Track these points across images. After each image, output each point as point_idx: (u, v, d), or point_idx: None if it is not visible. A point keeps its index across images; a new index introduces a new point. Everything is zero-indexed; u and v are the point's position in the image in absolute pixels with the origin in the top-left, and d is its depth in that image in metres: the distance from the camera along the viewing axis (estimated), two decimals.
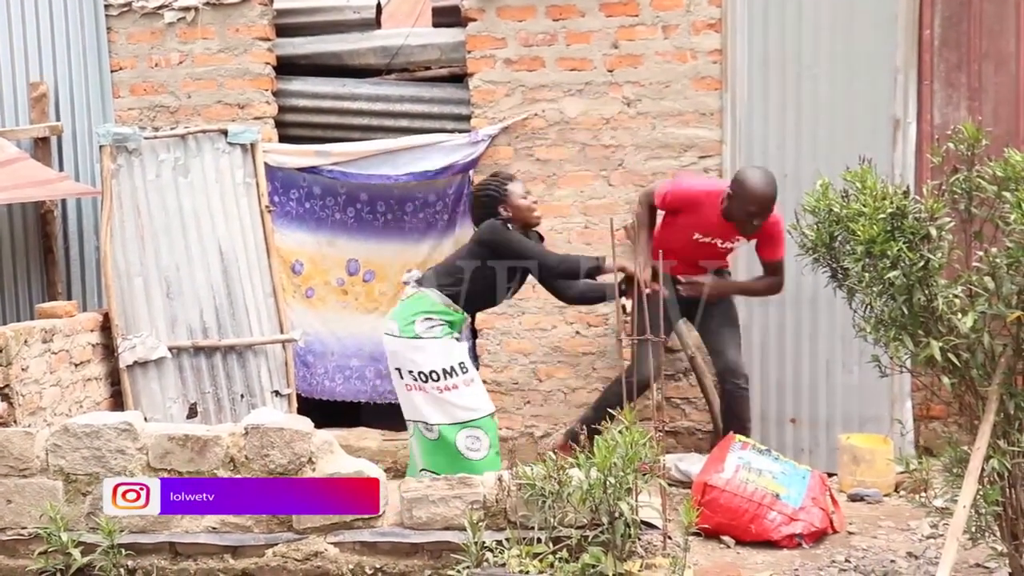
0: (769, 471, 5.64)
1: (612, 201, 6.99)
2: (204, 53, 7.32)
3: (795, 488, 5.58)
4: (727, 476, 5.57)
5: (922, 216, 4.19)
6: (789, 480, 5.63)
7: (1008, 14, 6.58)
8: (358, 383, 7.35)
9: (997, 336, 4.23)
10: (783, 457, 5.91)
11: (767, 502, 5.48)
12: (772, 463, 5.73)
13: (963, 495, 4.20)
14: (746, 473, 5.58)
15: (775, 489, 5.53)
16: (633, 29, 6.93)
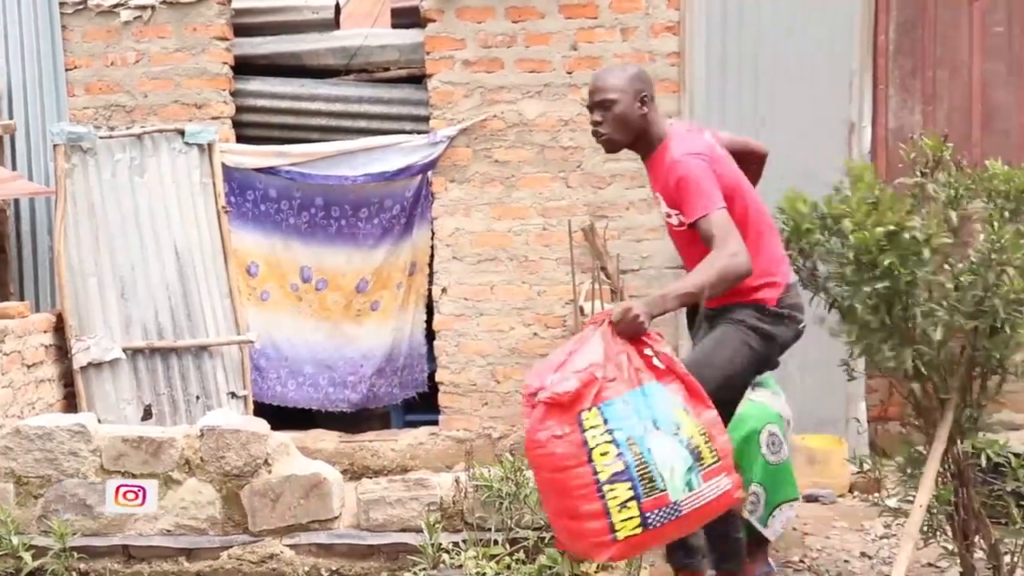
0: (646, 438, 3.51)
1: (571, 203, 6.99)
2: (161, 52, 7.25)
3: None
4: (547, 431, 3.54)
5: (919, 238, 4.17)
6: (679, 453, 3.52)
7: (962, 22, 6.65)
8: (311, 390, 7.29)
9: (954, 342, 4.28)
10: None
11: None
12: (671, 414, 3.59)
13: (920, 495, 4.22)
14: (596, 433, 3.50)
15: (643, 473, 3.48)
16: (592, 31, 6.94)
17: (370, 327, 7.24)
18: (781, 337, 4.19)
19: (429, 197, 7.13)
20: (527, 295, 7.09)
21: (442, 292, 7.16)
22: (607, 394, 3.50)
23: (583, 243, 6.84)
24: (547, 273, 7.05)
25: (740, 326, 4.12)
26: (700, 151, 4.03)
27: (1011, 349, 4.17)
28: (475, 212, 7.09)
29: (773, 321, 4.15)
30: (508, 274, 7.10)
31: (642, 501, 3.41)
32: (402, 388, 7.34)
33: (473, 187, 7.08)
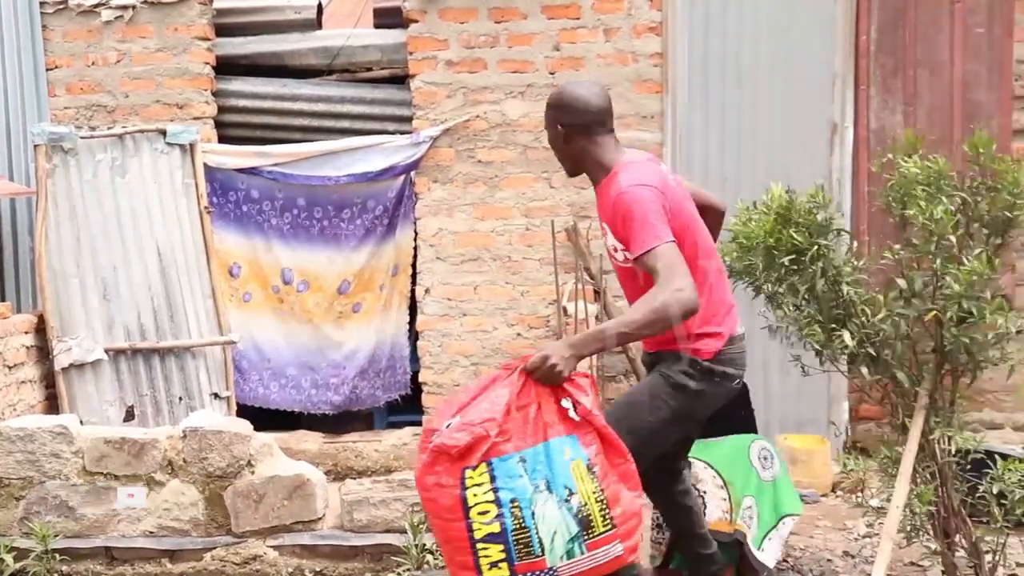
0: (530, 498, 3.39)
1: (554, 203, 7.00)
2: (142, 52, 7.23)
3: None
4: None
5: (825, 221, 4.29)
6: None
7: (942, 22, 6.67)
8: (293, 392, 7.27)
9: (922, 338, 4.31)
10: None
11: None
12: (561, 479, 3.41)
13: (896, 496, 4.26)
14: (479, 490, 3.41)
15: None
16: (575, 32, 6.95)
17: (352, 329, 7.22)
18: (709, 395, 3.94)
19: (412, 197, 7.12)
20: (510, 295, 7.09)
21: (425, 292, 7.16)
22: (503, 448, 3.37)
23: (566, 243, 6.85)
24: (530, 273, 7.06)
25: (665, 381, 3.90)
26: (649, 182, 3.76)
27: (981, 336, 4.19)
28: (458, 212, 7.09)
29: (702, 377, 3.89)
30: (491, 274, 7.10)
31: (515, 564, 3.35)
32: (385, 390, 7.32)
33: (456, 187, 7.09)
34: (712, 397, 3.96)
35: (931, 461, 4.45)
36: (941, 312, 4.16)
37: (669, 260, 3.57)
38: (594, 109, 3.95)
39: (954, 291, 4.09)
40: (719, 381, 3.91)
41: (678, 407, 3.87)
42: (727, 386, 3.96)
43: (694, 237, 3.88)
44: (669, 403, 3.86)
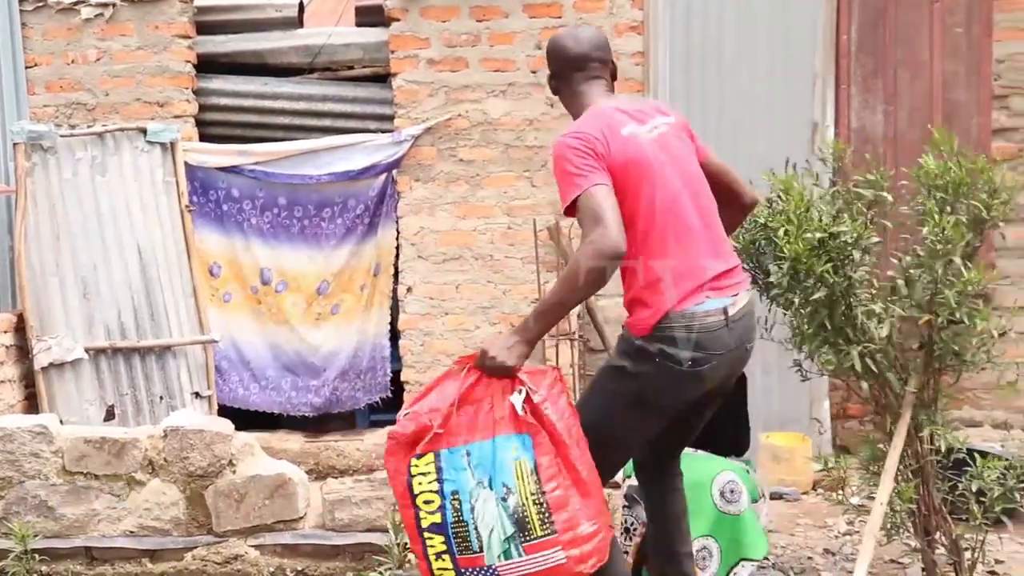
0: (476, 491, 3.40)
1: (535, 202, 7.00)
2: (122, 50, 7.20)
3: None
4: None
5: (850, 240, 4.24)
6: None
7: (922, 22, 6.70)
8: (273, 394, 7.23)
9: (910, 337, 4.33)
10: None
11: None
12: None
13: (880, 493, 4.28)
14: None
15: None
16: (556, 30, 6.92)
17: (330, 331, 7.20)
18: (655, 378, 3.48)
19: (394, 196, 7.12)
20: (492, 294, 7.10)
21: (407, 291, 7.16)
22: (452, 440, 3.34)
23: (548, 242, 6.86)
24: (512, 272, 7.06)
25: (607, 365, 3.68)
26: (579, 131, 3.50)
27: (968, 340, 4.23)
28: (440, 211, 7.09)
29: (637, 356, 3.50)
30: (473, 273, 7.10)
31: (456, 556, 3.35)
32: (366, 392, 7.29)
33: (438, 186, 7.08)
34: (662, 381, 3.48)
35: (913, 459, 4.48)
36: (936, 317, 4.19)
37: (589, 206, 3.32)
38: (570, 54, 3.76)
39: (950, 301, 4.11)
40: (661, 362, 3.45)
41: (624, 392, 3.52)
42: (677, 369, 3.45)
43: (649, 193, 3.50)
44: (612, 388, 3.58)
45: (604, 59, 3.81)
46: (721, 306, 3.52)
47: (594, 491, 3.40)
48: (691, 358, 3.45)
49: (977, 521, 4.35)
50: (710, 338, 3.48)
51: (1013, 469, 4.39)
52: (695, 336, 3.46)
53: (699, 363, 3.47)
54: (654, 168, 3.53)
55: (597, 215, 3.28)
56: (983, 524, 4.37)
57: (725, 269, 3.62)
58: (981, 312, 4.17)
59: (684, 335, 3.45)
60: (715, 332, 3.50)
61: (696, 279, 3.51)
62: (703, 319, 3.48)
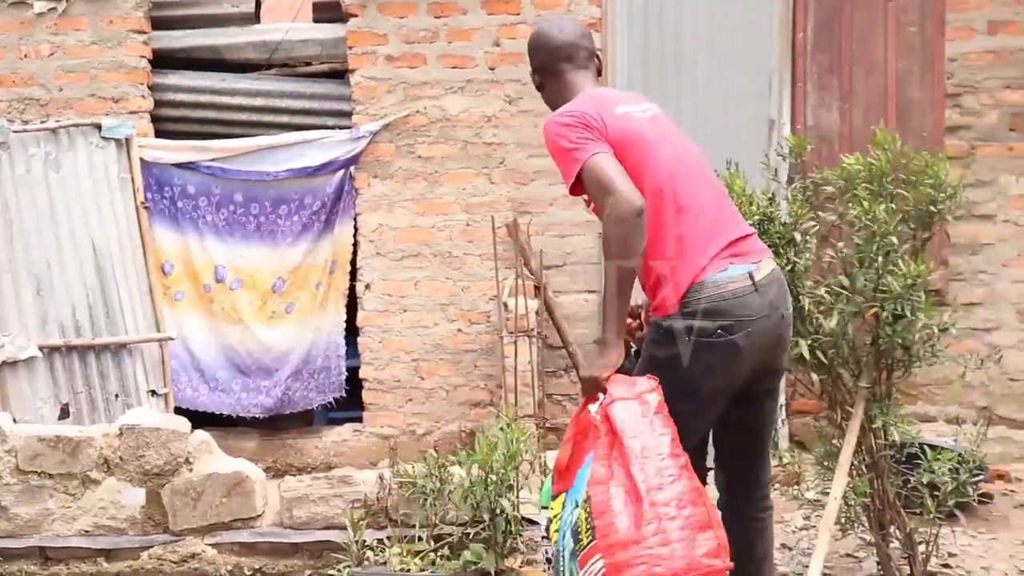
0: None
1: (494, 199, 7.01)
2: (76, 45, 7.13)
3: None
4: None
5: (787, 221, 4.35)
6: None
7: (877, 21, 6.76)
8: (223, 395, 7.14)
9: (859, 331, 4.39)
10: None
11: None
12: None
13: (834, 488, 4.33)
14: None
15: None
16: (515, 27, 6.96)
17: (285, 329, 7.14)
18: (689, 361, 3.32)
19: (352, 193, 7.09)
20: (451, 291, 7.10)
21: (366, 288, 7.15)
22: (570, 480, 3.26)
23: (507, 239, 6.87)
24: (471, 269, 7.06)
25: (643, 360, 3.50)
26: (570, 110, 3.46)
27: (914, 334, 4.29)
28: (398, 208, 7.08)
29: (667, 341, 3.36)
30: (432, 270, 7.10)
31: None
32: (319, 392, 7.23)
33: (396, 183, 7.08)
34: (701, 361, 3.33)
35: (867, 454, 4.53)
36: (881, 309, 4.24)
37: (594, 178, 3.28)
38: (557, 43, 3.69)
39: (893, 290, 4.18)
40: (693, 340, 3.32)
41: (666, 386, 3.28)
42: (710, 343, 3.31)
43: (652, 166, 3.42)
44: (662, 381, 3.32)
45: (591, 49, 3.77)
46: (745, 271, 3.41)
47: (650, 499, 3.04)
48: (721, 327, 3.32)
49: (931, 515, 4.41)
50: (739, 304, 3.35)
51: (965, 463, 4.45)
52: (724, 304, 3.33)
53: (731, 331, 3.33)
54: (652, 142, 3.47)
55: (604, 184, 3.23)
56: (936, 518, 4.43)
57: (742, 235, 3.53)
58: (924, 306, 4.23)
59: (711, 306, 3.33)
60: (744, 298, 3.37)
61: (715, 246, 3.42)
62: (727, 285, 3.36)
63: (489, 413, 6.76)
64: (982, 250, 6.76)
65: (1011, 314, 6.77)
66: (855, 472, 4.50)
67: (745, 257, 3.46)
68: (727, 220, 3.55)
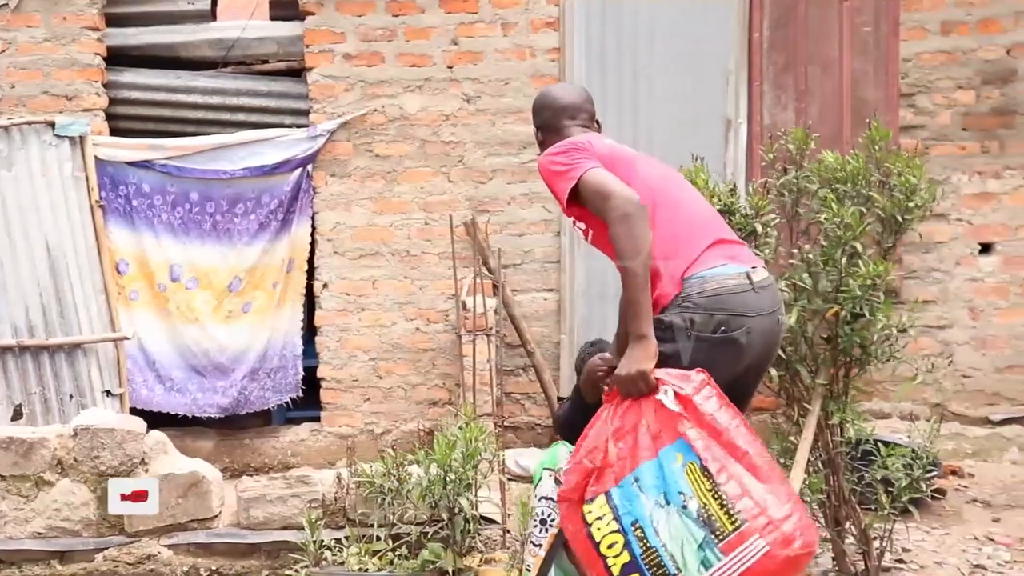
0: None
1: (452, 198, 7.01)
2: (29, 42, 7.06)
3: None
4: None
5: (748, 213, 4.40)
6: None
7: (831, 20, 6.81)
8: (178, 395, 7.08)
9: (819, 331, 4.43)
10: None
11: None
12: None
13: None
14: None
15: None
16: (472, 26, 6.96)
17: (241, 329, 7.08)
18: (689, 355, 3.38)
19: (309, 192, 7.06)
20: (409, 290, 7.09)
21: (324, 287, 7.12)
22: (619, 474, 3.23)
23: (465, 238, 6.87)
24: (429, 268, 7.06)
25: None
26: (566, 142, 3.66)
27: (873, 333, 4.34)
28: (356, 207, 7.07)
29: (669, 335, 3.40)
30: (390, 269, 7.09)
31: None
32: (275, 392, 7.18)
33: (354, 181, 7.06)
34: (701, 356, 3.38)
35: (823, 450, 4.57)
36: (841, 309, 4.29)
37: (590, 190, 3.43)
38: (561, 104, 3.90)
39: (853, 291, 4.22)
40: (694, 335, 3.38)
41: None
42: (711, 338, 3.39)
43: (642, 176, 3.57)
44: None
45: (593, 112, 3.95)
46: (743, 270, 3.48)
47: (772, 474, 3.21)
48: (721, 322, 3.39)
49: (885, 510, 4.46)
50: (738, 301, 3.42)
51: (919, 459, 4.50)
52: (723, 299, 3.40)
53: (732, 327, 3.40)
54: (640, 158, 3.70)
55: (602, 191, 3.37)
56: (891, 513, 4.48)
57: (733, 240, 3.64)
58: (883, 306, 4.28)
59: (710, 299, 3.39)
60: (741, 294, 3.43)
61: (708, 241, 3.52)
62: (725, 281, 3.43)
63: (447, 412, 6.76)
64: (935, 248, 6.83)
65: (963, 312, 6.84)
66: (811, 468, 4.54)
67: (740, 260, 3.53)
68: (718, 224, 3.68)
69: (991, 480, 6.30)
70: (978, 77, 6.79)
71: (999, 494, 6.06)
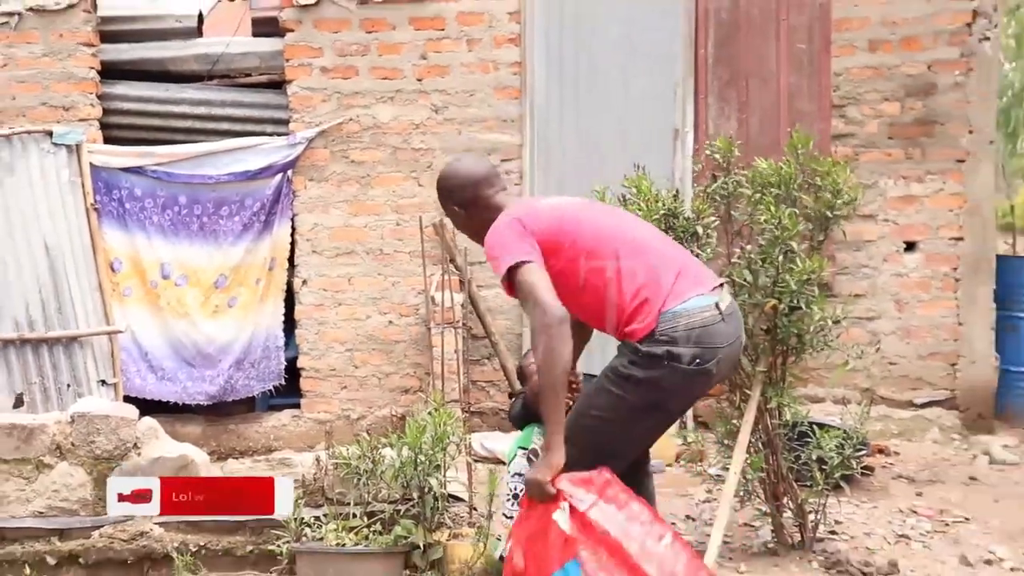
0: None
1: (422, 200, 6.99)
2: (28, 57, 7.01)
3: None
4: None
5: (691, 216, 4.42)
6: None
7: (770, 39, 6.85)
8: (169, 384, 7.05)
9: (759, 323, 4.45)
10: None
11: None
12: None
13: (734, 464, 4.39)
14: None
15: None
16: (440, 42, 6.96)
17: (227, 322, 7.06)
18: (666, 382, 3.34)
19: (289, 195, 7.04)
20: (382, 286, 7.08)
21: (303, 284, 7.10)
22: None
23: (434, 238, 6.86)
24: (401, 265, 7.05)
25: (611, 374, 3.43)
26: (510, 213, 3.54)
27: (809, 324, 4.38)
28: (333, 209, 7.05)
29: (646, 363, 3.34)
30: (364, 266, 7.07)
31: None
32: (259, 381, 7.16)
33: (331, 186, 7.04)
34: (674, 383, 3.36)
35: (763, 432, 4.60)
36: (779, 302, 4.32)
37: (523, 289, 3.32)
38: (477, 177, 3.73)
39: (790, 286, 4.26)
40: (669, 364, 3.32)
41: (638, 401, 3.37)
42: (685, 369, 3.33)
43: (584, 244, 3.47)
44: (620, 395, 3.38)
45: (499, 173, 3.85)
46: (712, 302, 3.42)
47: None
48: (696, 355, 3.33)
49: (819, 487, 4.49)
50: (710, 333, 3.37)
51: (850, 439, 4.54)
52: (695, 333, 3.34)
53: (705, 359, 3.35)
54: (584, 216, 3.56)
55: (529, 296, 3.27)
56: (824, 489, 4.51)
57: (702, 269, 3.60)
58: (817, 299, 4.32)
59: (684, 333, 3.33)
60: (714, 326, 3.38)
61: (674, 275, 3.44)
62: (699, 314, 3.37)
63: (418, 399, 6.76)
64: (865, 247, 6.87)
65: (890, 305, 6.90)
66: (752, 449, 4.56)
67: (706, 287, 3.48)
68: (677, 253, 3.64)
69: (915, 458, 6.37)
70: (902, 90, 6.84)
71: (922, 470, 6.11)
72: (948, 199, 6.85)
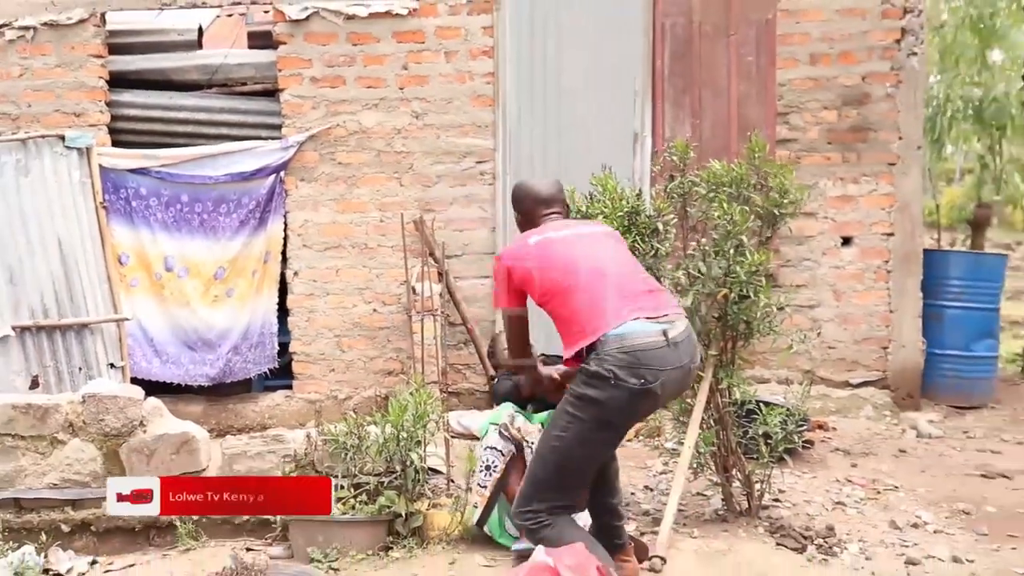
0: None
1: (404, 199, 7.02)
2: (42, 67, 7.00)
3: None
4: None
5: (652, 214, 4.47)
6: None
7: (721, 52, 6.90)
8: (173, 367, 7.05)
9: (711, 311, 4.50)
10: None
11: None
12: None
13: (688, 438, 4.46)
14: None
15: None
16: (420, 54, 6.97)
17: (226, 311, 7.06)
18: (614, 401, 3.41)
19: (282, 194, 7.05)
20: (367, 277, 7.09)
21: (295, 275, 7.11)
22: None
23: (414, 233, 6.89)
24: (384, 258, 7.06)
25: (569, 396, 3.54)
26: (502, 255, 3.84)
27: (756, 312, 4.43)
28: (322, 207, 7.06)
29: (595, 383, 3.43)
30: (351, 259, 7.09)
31: None
32: (255, 364, 7.16)
33: (320, 185, 7.04)
34: (621, 401, 3.43)
35: (715, 410, 4.65)
36: (730, 291, 4.37)
37: (506, 325, 3.89)
38: (536, 196, 3.96)
39: (740, 277, 4.31)
40: (616, 383, 3.40)
41: (590, 418, 3.46)
42: (627, 389, 3.40)
43: (551, 276, 3.63)
44: (576, 415, 3.48)
45: (564, 201, 4.07)
46: (659, 328, 3.49)
47: None
48: (641, 377, 3.41)
49: (765, 459, 4.55)
50: (653, 357, 3.44)
51: (792, 416, 4.59)
52: (639, 355, 3.42)
53: (649, 381, 3.42)
54: (557, 249, 3.70)
55: (507, 333, 3.89)
56: (769, 462, 4.57)
57: (652, 298, 3.64)
58: (764, 288, 4.38)
59: (627, 357, 3.41)
60: (657, 351, 3.45)
61: (618, 302, 3.53)
62: (642, 339, 3.45)
63: (400, 380, 6.79)
64: (806, 241, 6.93)
65: (829, 294, 6.96)
66: (705, 425, 4.61)
67: (655, 314, 3.55)
68: (637, 281, 3.71)
69: (850, 433, 6.44)
70: (839, 100, 6.90)
71: (856, 444, 6.18)
72: (880, 199, 6.93)
